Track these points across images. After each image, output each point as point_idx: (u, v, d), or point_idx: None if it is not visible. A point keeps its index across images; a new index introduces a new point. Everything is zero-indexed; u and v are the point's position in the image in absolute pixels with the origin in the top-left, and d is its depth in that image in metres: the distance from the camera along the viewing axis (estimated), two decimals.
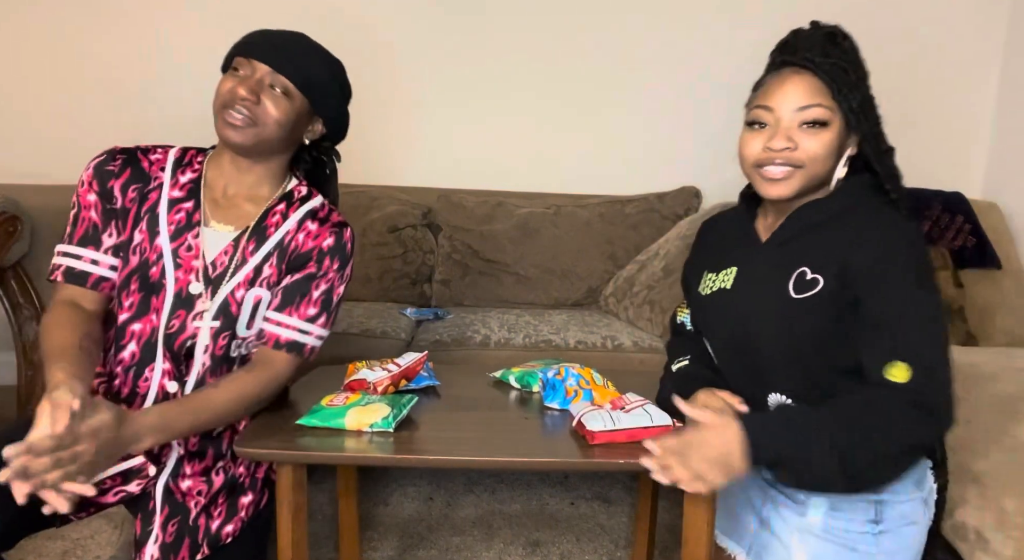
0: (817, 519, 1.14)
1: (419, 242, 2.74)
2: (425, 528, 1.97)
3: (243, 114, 1.21)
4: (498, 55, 2.97)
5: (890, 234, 1.05)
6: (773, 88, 1.11)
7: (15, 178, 2.55)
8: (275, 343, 1.27)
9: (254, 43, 1.25)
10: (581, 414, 1.14)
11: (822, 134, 1.08)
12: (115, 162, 1.26)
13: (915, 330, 1.01)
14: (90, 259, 1.23)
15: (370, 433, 1.12)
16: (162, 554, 1.21)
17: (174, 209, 1.26)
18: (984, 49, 3.03)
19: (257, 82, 1.23)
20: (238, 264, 1.27)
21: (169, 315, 1.23)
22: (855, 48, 1.13)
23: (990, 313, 2.60)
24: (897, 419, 0.99)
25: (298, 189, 1.36)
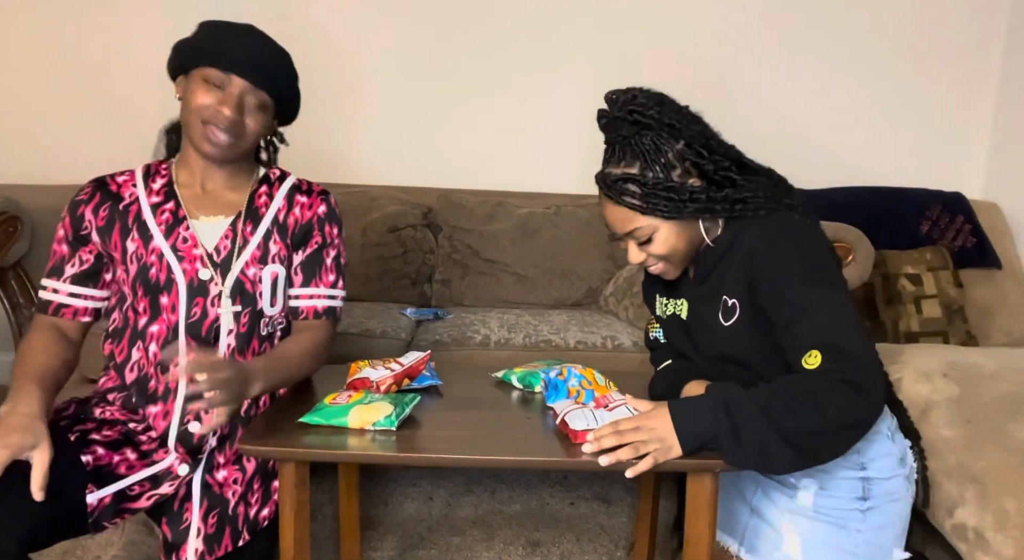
0: (808, 499, 1.20)
1: (419, 242, 2.74)
2: (425, 528, 1.97)
3: (228, 133, 1.26)
4: (498, 54, 2.97)
5: (775, 241, 1.13)
6: (604, 213, 1.23)
7: (15, 178, 2.56)
8: (315, 314, 1.39)
9: (230, 56, 1.25)
10: (564, 413, 1.14)
11: (658, 238, 1.18)
12: (85, 191, 1.32)
13: (817, 320, 1.06)
14: (52, 288, 1.30)
15: (373, 431, 1.12)
16: (206, 546, 1.26)
17: (158, 211, 1.32)
18: (984, 49, 3.03)
19: (239, 100, 1.26)
20: (241, 245, 1.33)
21: (188, 306, 1.28)
22: (650, 116, 1.13)
23: (990, 313, 2.61)
24: (822, 397, 1.01)
25: (271, 171, 1.44)
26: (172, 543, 1.26)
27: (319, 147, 2.97)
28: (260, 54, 1.28)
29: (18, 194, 2.13)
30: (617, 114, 1.17)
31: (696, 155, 1.15)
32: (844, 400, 1.01)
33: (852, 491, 1.19)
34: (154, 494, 1.26)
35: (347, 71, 2.96)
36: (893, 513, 1.21)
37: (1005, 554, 1.41)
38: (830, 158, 2.96)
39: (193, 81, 1.27)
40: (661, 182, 1.13)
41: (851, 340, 1.04)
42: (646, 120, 1.13)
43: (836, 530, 1.19)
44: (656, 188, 1.13)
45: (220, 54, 1.25)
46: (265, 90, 1.29)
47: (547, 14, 2.95)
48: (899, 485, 1.22)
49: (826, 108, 3.00)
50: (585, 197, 2.90)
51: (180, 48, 1.30)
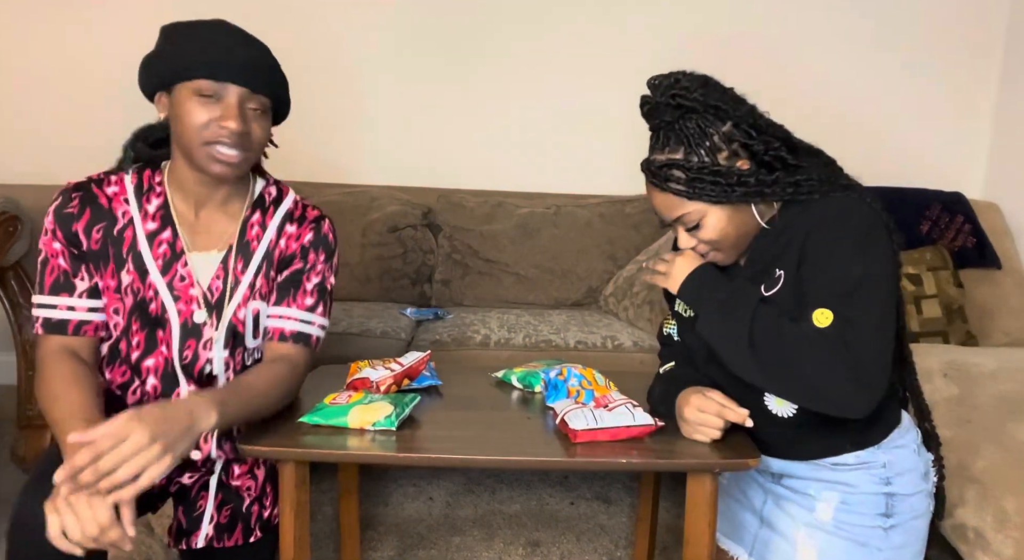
0: (827, 514, 1.16)
1: (419, 242, 2.74)
2: (425, 528, 1.97)
3: (237, 148, 1.15)
4: (498, 55, 2.97)
5: (832, 219, 1.08)
6: (650, 198, 1.19)
7: (15, 178, 2.56)
8: (280, 336, 1.26)
9: (222, 64, 1.13)
10: (564, 412, 1.14)
11: (707, 224, 1.13)
12: (72, 203, 1.19)
13: (846, 286, 1.04)
14: (66, 306, 1.18)
15: (373, 431, 1.12)
16: (216, 533, 1.27)
17: (155, 243, 1.22)
18: (984, 49, 3.03)
19: (240, 109, 1.14)
20: (232, 286, 1.25)
21: (180, 346, 1.23)
22: (697, 98, 1.11)
23: (990, 313, 2.61)
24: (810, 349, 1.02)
25: (267, 191, 1.31)
26: (185, 529, 1.28)
27: (319, 147, 2.97)
28: (250, 55, 1.16)
29: (18, 194, 2.14)
30: (660, 100, 1.14)
31: (744, 136, 1.11)
32: (826, 365, 1.02)
33: (875, 507, 1.14)
34: (178, 482, 1.29)
35: (347, 71, 2.96)
36: (915, 531, 1.17)
37: (1005, 554, 1.41)
38: None
39: (181, 97, 1.14)
40: (707, 166, 1.09)
41: (869, 324, 1.03)
42: (689, 103, 1.10)
43: (856, 548, 1.14)
44: (702, 172, 1.09)
45: (209, 62, 1.12)
46: (264, 93, 1.18)
47: (547, 15, 2.95)
48: (922, 501, 1.18)
49: (825, 108, 2.99)
50: (585, 197, 2.91)
51: (154, 63, 1.17)
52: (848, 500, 1.15)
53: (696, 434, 1.12)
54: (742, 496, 1.29)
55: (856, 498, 1.15)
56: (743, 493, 1.29)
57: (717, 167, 1.10)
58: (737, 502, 1.30)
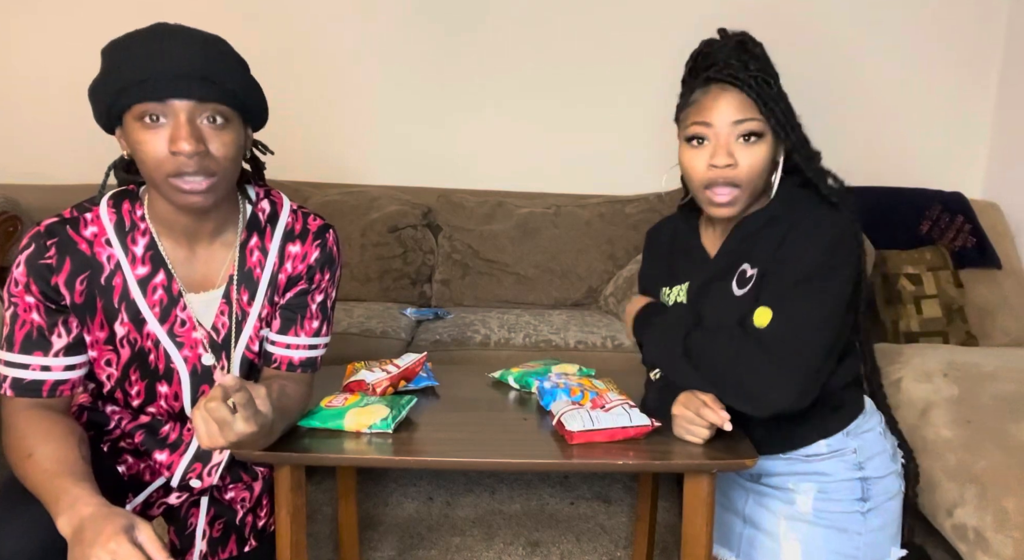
0: (807, 505, 1.20)
1: (419, 242, 2.74)
2: (425, 528, 1.97)
3: (200, 174, 0.99)
4: (498, 55, 2.97)
5: (817, 224, 1.12)
6: (707, 104, 1.14)
7: (15, 178, 2.56)
8: (289, 365, 1.20)
9: (156, 79, 0.96)
10: (561, 413, 1.13)
11: (758, 146, 1.13)
12: (48, 253, 1.05)
13: (798, 293, 1.09)
14: (39, 366, 1.06)
15: (369, 434, 1.12)
16: (210, 548, 1.24)
17: (148, 288, 1.11)
18: (984, 49, 3.03)
19: (191, 126, 0.98)
20: (239, 319, 1.16)
21: (193, 394, 1.17)
22: (766, 55, 1.17)
23: (990, 313, 2.60)
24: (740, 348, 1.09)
25: (260, 209, 1.19)
26: (179, 549, 1.25)
27: (319, 147, 2.97)
28: (190, 57, 0.98)
29: (18, 194, 2.14)
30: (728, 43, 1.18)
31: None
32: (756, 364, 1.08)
33: (852, 493, 1.18)
34: (164, 502, 1.26)
35: (348, 71, 2.95)
36: (890, 512, 1.21)
37: (1005, 554, 1.41)
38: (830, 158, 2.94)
39: (129, 128, 1.00)
40: (782, 95, 1.14)
41: (807, 322, 1.07)
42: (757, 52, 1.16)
43: (837, 534, 1.18)
44: (780, 95, 1.14)
45: (142, 82, 0.96)
46: (215, 100, 0.99)
47: (547, 16, 2.95)
48: (894, 482, 1.22)
49: (825, 108, 2.99)
50: (585, 197, 2.91)
51: (95, 94, 1.01)
52: (825, 489, 1.19)
53: (686, 434, 1.12)
54: (725, 499, 1.31)
55: (833, 486, 1.19)
56: (726, 496, 1.31)
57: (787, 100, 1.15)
58: (720, 505, 1.31)
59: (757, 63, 1.13)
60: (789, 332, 1.07)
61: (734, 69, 1.12)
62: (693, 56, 1.21)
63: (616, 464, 1.06)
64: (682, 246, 1.32)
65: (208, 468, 1.24)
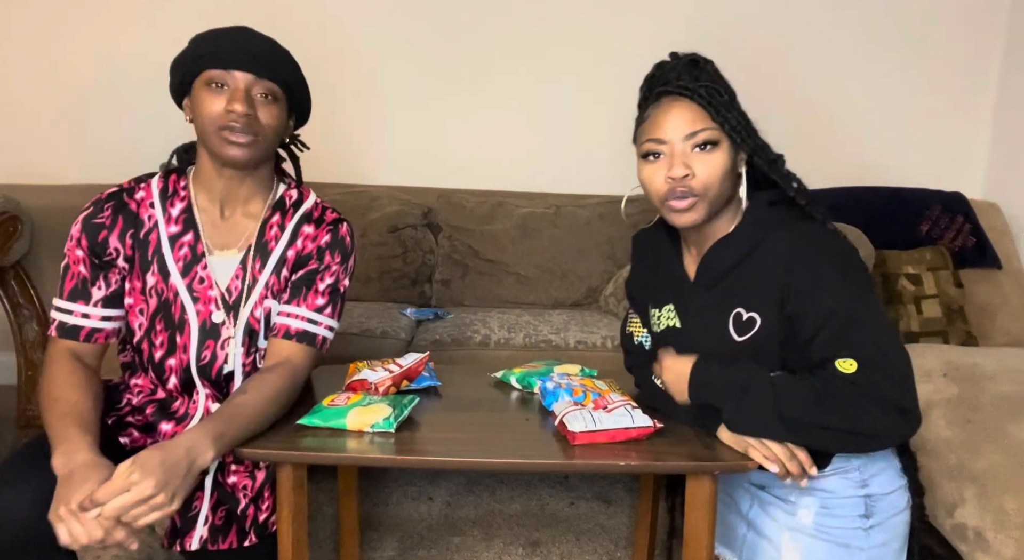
0: (808, 518, 1.17)
1: (419, 242, 2.74)
2: (425, 528, 1.97)
3: (246, 132, 1.20)
4: (498, 55, 2.97)
5: (816, 247, 1.10)
6: (659, 118, 1.14)
7: (15, 178, 2.56)
8: (285, 333, 1.28)
9: (226, 52, 1.21)
10: (563, 414, 1.13)
11: (714, 155, 1.11)
12: (104, 213, 1.25)
13: (852, 326, 1.05)
14: (80, 313, 1.23)
15: (371, 433, 1.12)
16: (211, 535, 1.26)
17: (176, 245, 1.27)
18: (984, 49, 3.03)
19: (247, 94, 1.21)
20: (250, 285, 1.29)
21: (198, 348, 1.26)
22: (717, 71, 1.16)
23: (990, 313, 2.61)
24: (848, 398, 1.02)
25: (288, 194, 1.36)
26: (180, 529, 1.26)
27: (319, 147, 2.95)
28: (256, 44, 1.24)
29: (18, 194, 2.14)
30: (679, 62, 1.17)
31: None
32: (867, 412, 1.02)
33: (855, 509, 1.16)
34: None
35: (348, 72, 2.95)
36: (895, 528, 1.18)
37: (1005, 554, 1.41)
38: (830, 158, 2.96)
39: (196, 92, 1.23)
40: (735, 102, 1.14)
41: (889, 355, 1.04)
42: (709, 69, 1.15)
43: (838, 549, 1.15)
44: (734, 103, 1.13)
45: (214, 53, 1.20)
46: (270, 78, 1.23)
47: (547, 16, 2.95)
48: (901, 498, 1.19)
49: (825, 108, 2.99)
50: (585, 197, 2.91)
51: (175, 65, 1.26)
52: (828, 504, 1.17)
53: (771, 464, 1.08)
54: (729, 500, 1.30)
55: (835, 502, 1.16)
56: (730, 497, 1.30)
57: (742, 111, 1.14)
58: (725, 506, 1.30)
59: (708, 78, 1.13)
60: (879, 370, 1.03)
61: (685, 80, 1.13)
62: (646, 79, 1.20)
63: (618, 465, 1.06)
64: (665, 264, 1.30)
65: None
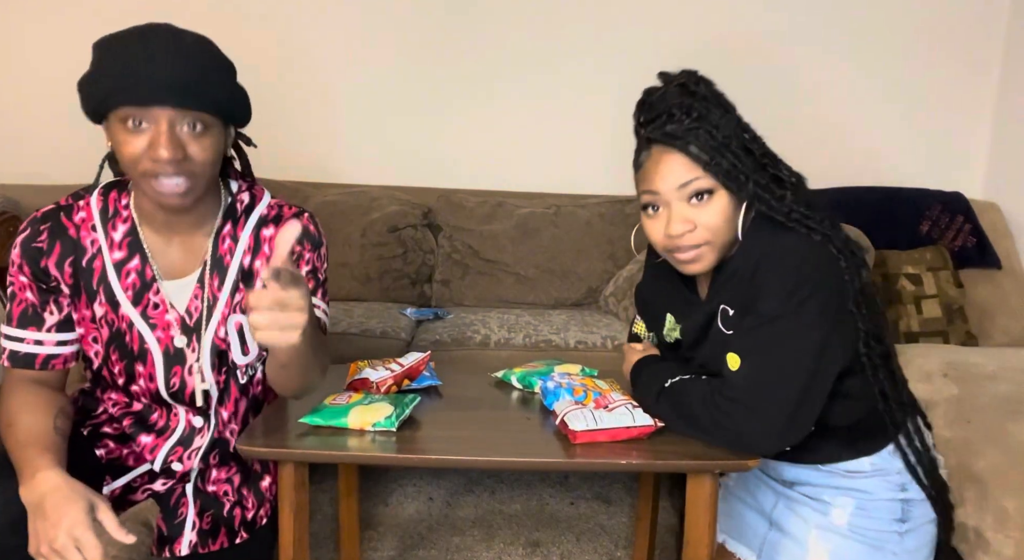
0: (843, 518, 1.16)
1: (419, 242, 2.74)
2: (425, 528, 1.97)
3: (176, 175, 1.04)
4: (498, 55, 2.97)
5: (784, 257, 1.06)
6: (651, 170, 1.12)
7: (15, 178, 2.55)
8: None
9: (142, 85, 1.00)
10: (564, 413, 1.13)
11: (712, 203, 1.09)
12: (41, 237, 1.14)
13: (764, 336, 1.04)
14: (33, 340, 1.15)
15: (373, 432, 1.12)
16: (200, 539, 1.24)
17: (123, 273, 1.17)
18: (984, 49, 3.03)
19: (171, 132, 1.02)
20: (210, 304, 1.20)
21: (166, 375, 1.21)
22: (712, 94, 1.11)
23: (990, 313, 2.61)
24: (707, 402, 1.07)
25: (239, 198, 1.24)
26: (167, 536, 1.25)
27: (319, 148, 2.97)
28: (175, 65, 1.01)
29: (18, 194, 2.14)
30: (668, 90, 1.12)
31: (745, 132, 1.11)
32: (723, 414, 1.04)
33: (891, 513, 1.15)
34: (148, 489, 1.27)
35: (348, 72, 2.95)
36: (927, 535, 1.17)
37: (1005, 554, 1.41)
38: (830, 158, 2.96)
39: (113, 127, 1.06)
40: (730, 142, 1.07)
41: (774, 371, 1.03)
42: (700, 92, 1.09)
43: (871, 551, 1.14)
44: (728, 144, 1.06)
45: (127, 86, 1.01)
46: (197, 109, 1.03)
47: (547, 16, 2.95)
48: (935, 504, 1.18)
49: (825, 108, 2.99)
50: (585, 197, 2.91)
51: (84, 89, 1.08)
52: (864, 505, 1.15)
53: None
54: (750, 498, 1.28)
55: (873, 504, 1.15)
56: (751, 495, 1.28)
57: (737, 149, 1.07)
58: (744, 503, 1.29)
59: (701, 106, 1.08)
60: (759, 380, 1.03)
61: (673, 123, 1.08)
62: (637, 106, 1.17)
63: (619, 464, 1.06)
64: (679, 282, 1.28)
65: (188, 452, 1.27)
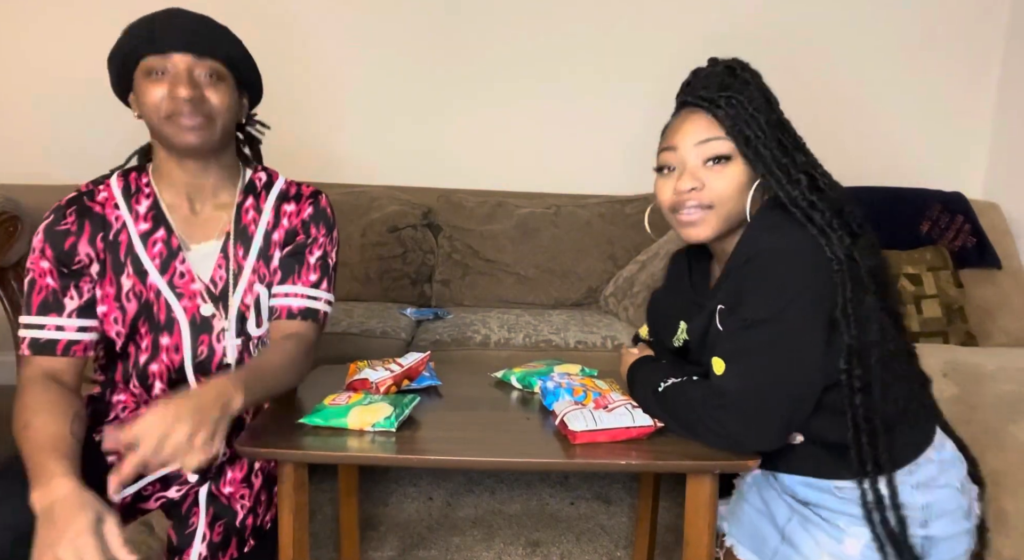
0: (855, 549, 1.09)
1: (419, 242, 2.74)
2: (425, 528, 1.97)
3: (195, 114, 1.14)
4: (498, 55, 2.97)
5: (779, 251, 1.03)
6: (674, 129, 1.13)
7: (15, 178, 2.56)
8: (288, 313, 1.27)
9: (160, 36, 1.13)
10: (564, 413, 1.13)
11: (727, 169, 1.09)
12: (67, 220, 1.19)
13: (749, 340, 1.02)
14: (54, 326, 1.16)
15: (372, 433, 1.12)
16: (210, 552, 1.23)
17: (149, 243, 1.21)
18: (984, 49, 3.03)
19: (189, 76, 1.14)
20: (235, 272, 1.25)
21: (193, 344, 1.23)
22: (753, 78, 1.12)
23: (990, 313, 2.61)
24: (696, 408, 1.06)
25: (257, 177, 1.33)
26: (177, 547, 1.25)
27: (319, 147, 2.97)
28: (192, 23, 1.16)
29: (18, 194, 2.13)
30: (715, 69, 1.13)
31: (782, 123, 1.11)
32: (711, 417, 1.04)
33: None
34: (162, 497, 1.26)
35: (348, 72, 2.96)
36: None
37: (1005, 554, 1.41)
38: (829, 158, 2.94)
39: (138, 84, 1.16)
40: (763, 113, 1.07)
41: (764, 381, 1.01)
42: (744, 77, 1.10)
43: None
44: (756, 117, 1.07)
45: (149, 39, 1.13)
46: (211, 57, 1.15)
47: (547, 16, 2.95)
48: (961, 542, 1.09)
49: (824, 108, 2.99)
50: (585, 197, 2.91)
51: (110, 59, 1.19)
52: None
53: None
54: (763, 506, 1.23)
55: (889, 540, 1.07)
56: (765, 504, 1.23)
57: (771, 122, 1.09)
58: (757, 512, 1.24)
59: (741, 85, 1.09)
60: (741, 386, 1.01)
61: (710, 90, 1.09)
62: (682, 86, 1.18)
63: (619, 464, 1.06)
64: (695, 283, 1.27)
65: None
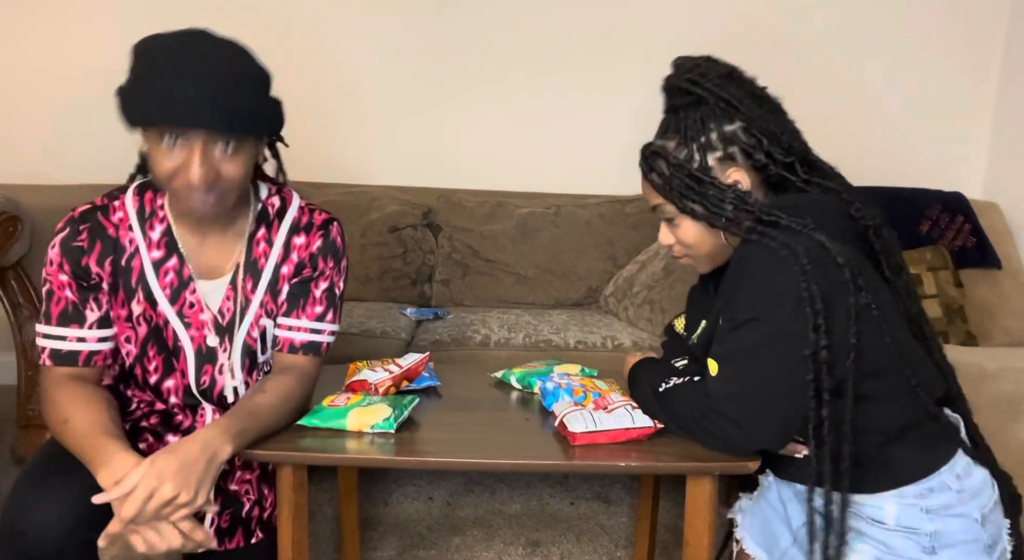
0: None
1: (419, 242, 2.74)
2: (425, 528, 1.97)
3: (209, 192, 1.07)
4: (498, 55, 2.97)
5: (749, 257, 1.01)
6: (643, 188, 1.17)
7: (15, 178, 2.55)
8: (290, 347, 1.25)
9: (176, 105, 1.00)
10: (563, 414, 1.13)
11: (682, 225, 1.11)
12: (81, 236, 1.16)
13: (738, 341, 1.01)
14: (76, 337, 1.16)
15: (371, 434, 1.12)
16: (216, 536, 1.23)
17: (161, 272, 1.20)
18: (984, 49, 3.03)
19: (205, 158, 1.04)
20: (243, 306, 1.24)
21: (197, 373, 1.24)
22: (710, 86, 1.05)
23: (990, 313, 2.61)
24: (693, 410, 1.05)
25: (270, 202, 1.27)
26: None
27: (319, 147, 2.97)
28: (211, 88, 1.01)
29: (18, 194, 2.13)
30: (675, 82, 1.09)
31: (749, 140, 1.04)
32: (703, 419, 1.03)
33: None
34: None
35: (348, 71, 2.95)
36: None
37: None
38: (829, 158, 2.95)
39: (150, 140, 1.07)
40: (688, 165, 1.04)
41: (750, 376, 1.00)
42: (701, 91, 1.04)
43: None
44: (680, 171, 1.05)
45: (164, 108, 1.01)
46: (231, 132, 1.05)
47: (547, 16, 2.95)
48: None
49: (823, 108, 2.99)
50: (585, 197, 2.90)
51: (121, 101, 1.06)
52: (884, 558, 1.03)
53: None
54: (781, 507, 1.20)
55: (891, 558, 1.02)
56: (783, 504, 1.20)
57: (700, 170, 1.05)
58: (774, 511, 1.21)
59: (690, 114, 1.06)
60: (733, 389, 1.00)
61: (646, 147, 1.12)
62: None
63: (619, 465, 1.06)
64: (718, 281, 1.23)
65: None
